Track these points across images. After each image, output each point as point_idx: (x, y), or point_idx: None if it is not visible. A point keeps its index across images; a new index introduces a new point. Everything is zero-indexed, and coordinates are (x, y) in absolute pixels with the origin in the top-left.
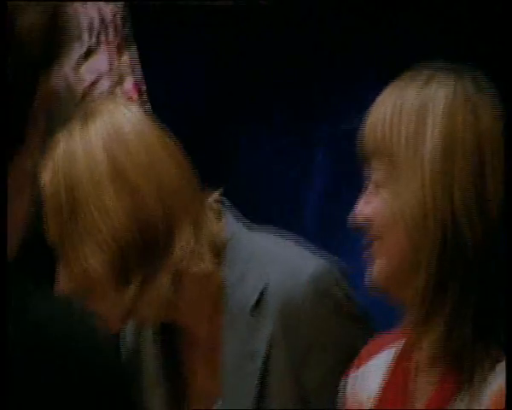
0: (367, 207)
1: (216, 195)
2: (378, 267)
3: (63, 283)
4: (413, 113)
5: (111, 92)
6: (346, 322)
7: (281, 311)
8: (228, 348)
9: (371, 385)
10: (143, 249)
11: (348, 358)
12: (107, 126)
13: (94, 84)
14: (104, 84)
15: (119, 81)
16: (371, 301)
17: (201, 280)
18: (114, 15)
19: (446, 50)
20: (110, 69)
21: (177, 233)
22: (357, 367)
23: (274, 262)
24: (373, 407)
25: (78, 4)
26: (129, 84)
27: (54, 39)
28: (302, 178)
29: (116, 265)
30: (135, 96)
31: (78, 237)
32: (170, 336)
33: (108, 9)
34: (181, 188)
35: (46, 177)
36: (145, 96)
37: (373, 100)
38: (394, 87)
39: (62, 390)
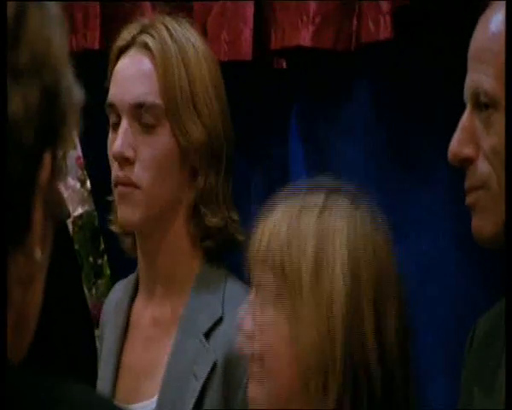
0: (250, 322)
1: None
2: (256, 393)
3: (126, 144)
4: (313, 240)
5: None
6: None
7: (226, 352)
8: (174, 362)
9: None
10: (217, 149)
11: None
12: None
13: None
14: None
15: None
16: None
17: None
18: None
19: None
20: None
21: (225, 150)
22: None
23: (236, 305)
24: None
25: None
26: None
27: (52, 120)
28: None
29: (208, 149)
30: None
31: (188, 110)
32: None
33: None
34: None
35: (156, 46)
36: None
37: None
38: (289, 210)
39: None
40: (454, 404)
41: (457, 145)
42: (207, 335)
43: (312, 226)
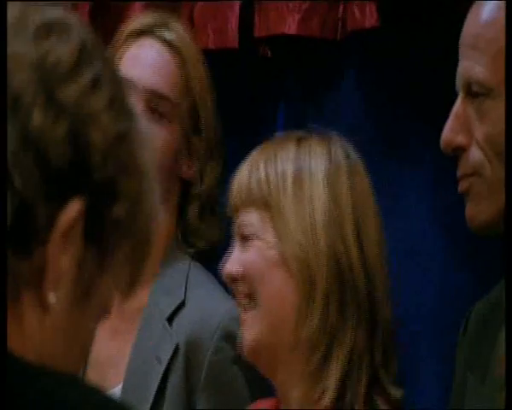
0: (238, 262)
1: None
2: (251, 336)
3: None
4: (293, 172)
5: None
6: (242, 372)
7: (187, 335)
8: (139, 348)
9: None
10: (213, 150)
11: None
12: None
13: None
14: None
15: None
16: None
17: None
18: None
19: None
20: None
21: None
22: None
23: (198, 290)
24: None
25: None
26: None
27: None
28: None
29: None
30: None
31: (191, 111)
32: None
33: None
34: None
35: (177, 43)
36: None
37: None
38: (265, 149)
39: None
40: (442, 390)
41: (450, 133)
42: (170, 319)
43: (290, 155)
